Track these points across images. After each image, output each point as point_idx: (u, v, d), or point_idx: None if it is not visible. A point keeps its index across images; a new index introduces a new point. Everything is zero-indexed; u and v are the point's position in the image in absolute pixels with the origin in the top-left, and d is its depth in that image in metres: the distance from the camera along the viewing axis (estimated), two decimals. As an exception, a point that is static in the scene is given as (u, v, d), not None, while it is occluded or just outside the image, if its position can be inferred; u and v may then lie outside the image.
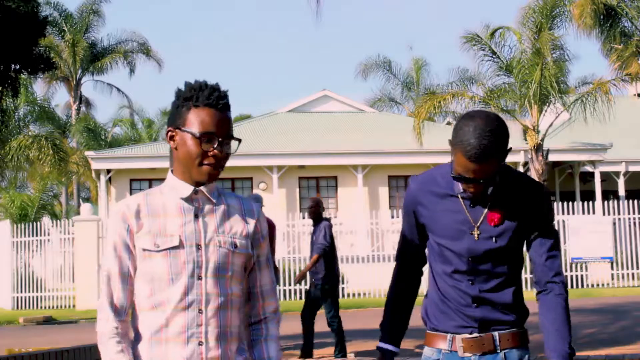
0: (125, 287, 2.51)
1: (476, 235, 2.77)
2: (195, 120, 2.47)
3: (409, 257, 3.00)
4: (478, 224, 2.78)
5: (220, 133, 2.48)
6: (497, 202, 2.78)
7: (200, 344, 2.43)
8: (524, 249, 2.92)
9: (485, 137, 2.59)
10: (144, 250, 2.48)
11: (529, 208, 2.82)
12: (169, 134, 2.54)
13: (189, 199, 2.52)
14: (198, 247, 2.47)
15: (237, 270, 2.52)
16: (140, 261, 2.50)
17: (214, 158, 2.48)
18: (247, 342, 2.62)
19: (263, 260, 2.63)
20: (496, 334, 2.81)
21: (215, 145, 2.47)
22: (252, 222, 2.58)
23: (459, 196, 2.80)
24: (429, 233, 2.88)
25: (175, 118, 2.53)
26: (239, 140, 2.58)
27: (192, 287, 2.44)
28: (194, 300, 2.44)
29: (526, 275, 21.61)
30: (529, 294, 3.02)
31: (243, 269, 2.56)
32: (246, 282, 2.62)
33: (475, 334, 2.80)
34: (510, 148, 2.69)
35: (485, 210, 2.79)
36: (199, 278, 2.45)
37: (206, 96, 2.48)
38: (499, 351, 2.81)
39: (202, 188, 2.52)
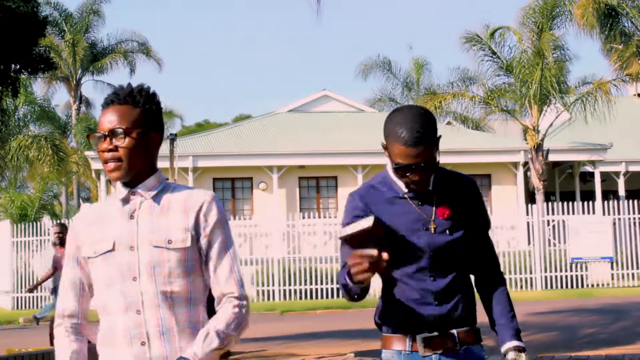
0: (75, 294, 2.58)
1: (432, 229, 2.83)
2: None
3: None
4: (432, 219, 2.85)
5: (104, 128, 2.48)
6: (443, 199, 2.87)
7: (143, 344, 2.43)
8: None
9: (416, 122, 2.73)
10: (87, 258, 2.53)
11: (468, 202, 2.92)
12: None
13: (126, 200, 2.52)
14: (131, 248, 2.46)
15: (175, 267, 2.46)
16: (89, 269, 2.55)
17: (106, 154, 2.48)
18: None
19: (216, 248, 2.51)
20: (454, 331, 2.84)
21: (103, 143, 2.48)
22: (192, 215, 2.49)
23: (406, 197, 2.87)
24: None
25: None
26: (139, 128, 2.49)
27: (128, 289, 2.44)
28: (132, 302, 2.44)
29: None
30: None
31: (185, 264, 2.47)
32: (206, 273, 2.54)
33: (435, 333, 2.83)
34: (441, 135, 2.80)
35: (434, 207, 2.86)
36: (134, 279, 2.45)
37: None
38: (458, 348, 2.84)
39: (138, 188, 2.51)
